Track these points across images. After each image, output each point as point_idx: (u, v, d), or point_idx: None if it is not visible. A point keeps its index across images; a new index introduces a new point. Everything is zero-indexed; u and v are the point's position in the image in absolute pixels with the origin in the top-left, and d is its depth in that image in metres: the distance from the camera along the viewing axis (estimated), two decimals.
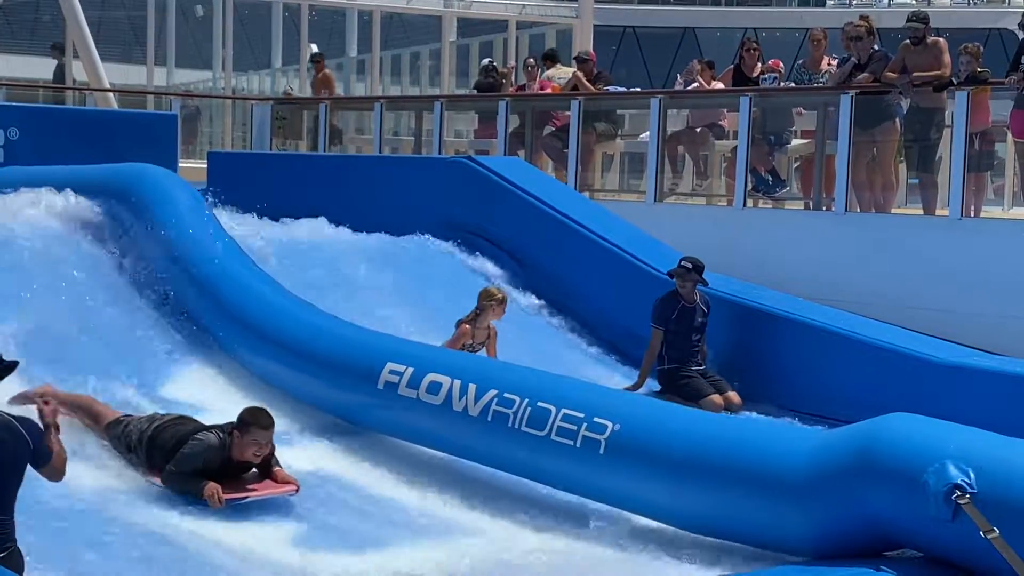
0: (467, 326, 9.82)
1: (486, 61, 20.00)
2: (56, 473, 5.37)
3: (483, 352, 9.84)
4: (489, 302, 9.88)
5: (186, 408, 8.54)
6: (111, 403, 8.45)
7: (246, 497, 7.26)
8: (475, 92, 18.81)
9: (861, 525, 6.26)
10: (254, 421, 7.33)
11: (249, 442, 7.31)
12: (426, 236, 12.44)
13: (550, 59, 17.91)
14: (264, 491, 7.37)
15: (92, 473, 7.54)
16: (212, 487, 7.13)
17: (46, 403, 5.36)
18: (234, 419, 7.55)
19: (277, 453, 7.60)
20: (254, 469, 7.51)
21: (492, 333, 9.95)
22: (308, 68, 23.45)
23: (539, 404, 7.54)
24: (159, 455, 7.49)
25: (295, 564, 6.56)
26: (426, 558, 6.71)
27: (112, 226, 11.07)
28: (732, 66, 14.74)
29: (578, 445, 7.29)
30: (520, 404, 7.60)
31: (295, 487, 7.40)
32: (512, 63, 21.02)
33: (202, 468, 7.28)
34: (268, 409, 7.59)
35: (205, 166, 15.26)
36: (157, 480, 7.46)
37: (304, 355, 9.00)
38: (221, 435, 7.40)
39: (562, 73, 17.09)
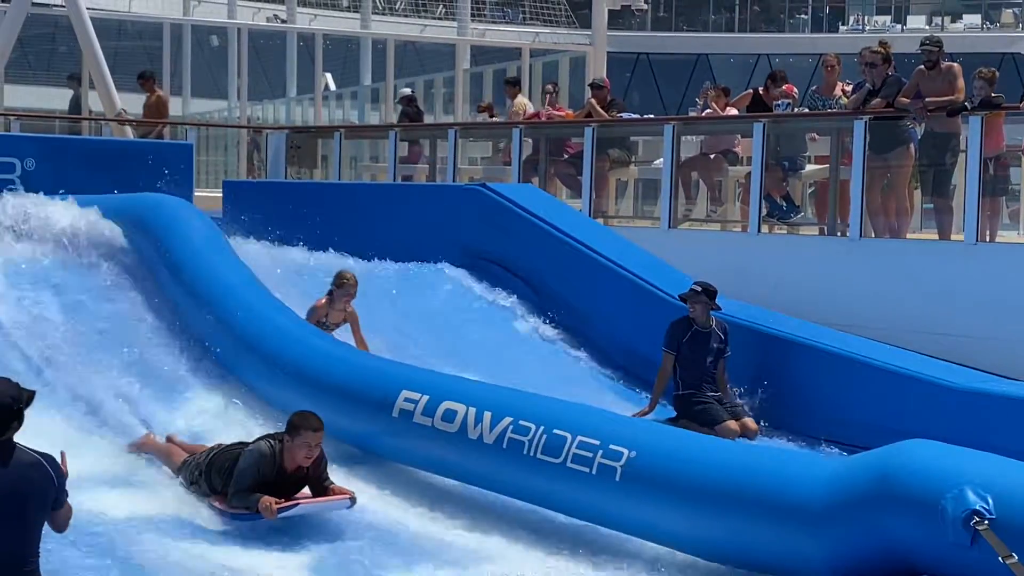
0: (322, 302, 10.22)
1: (406, 91, 20.34)
2: (63, 522, 5.28)
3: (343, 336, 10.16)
4: (339, 286, 10.24)
5: (200, 435, 8.57)
6: (122, 429, 8.51)
7: (298, 504, 7.31)
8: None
9: (879, 551, 6.24)
10: (303, 423, 7.37)
11: (300, 444, 7.34)
12: (440, 264, 12.46)
13: (515, 85, 18.21)
14: (318, 500, 7.41)
15: (124, 500, 7.60)
16: (266, 499, 7.22)
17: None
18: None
19: None
20: (307, 490, 7.53)
21: (351, 316, 10.28)
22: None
23: (555, 431, 7.53)
24: (217, 477, 7.64)
25: None
26: None
27: (130, 254, 11.14)
28: (751, 89, 14.73)
29: (594, 472, 7.28)
30: (536, 431, 7.60)
31: (350, 496, 7.45)
32: (488, 100, 21.15)
33: (259, 479, 7.34)
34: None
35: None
36: (217, 503, 7.56)
37: (319, 383, 8.99)
38: (272, 443, 7.47)
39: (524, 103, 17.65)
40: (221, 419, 9.16)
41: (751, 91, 14.75)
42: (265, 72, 30.81)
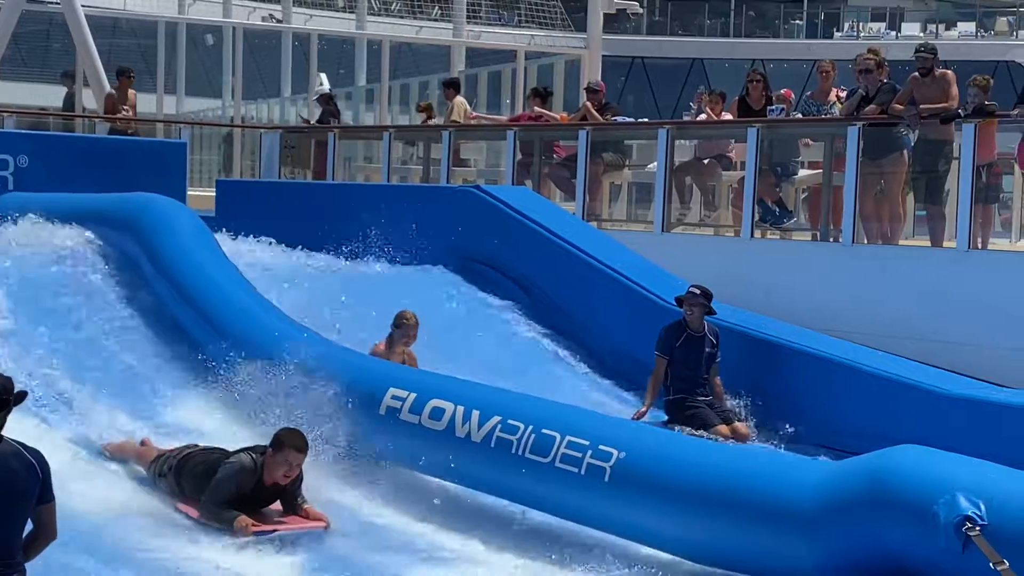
0: (381, 346, 9.78)
1: (323, 88, 20.27)
2: (50, 531, 5.13)
3: None
4: (398, 327, 9.82)
5: (187, 435, 8.55)
6: (112, 431, 8.52)
7: (275, 530, 7.24)
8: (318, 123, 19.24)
9: (869, 556, 6.23)
10: (289, 442, 7.33)
11: (280, 462, 7.31)
12: (433, 266, 12.45)
13: (452, 87, 18.30)
14: (294, 525, 7.35)
15: (105, 501, 7.58)
16: (243, 519, 7.16)
17: None
18: (248, 444, 7.63)
19: None
20: (278, 503, 7.49)
21: (410, 359, 9.87)
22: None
23: (543, 431, 7.50)
24: (188, 481, 7.57)
25: None
26: None
27: (118, 254, 11.09)
28: (737, 97, 14.76)
29: (583, 472, 7.25)
30: (524, 431, 7.57)
31: (325, 524, 7.39)
32: (428, 100, 21.18)
33: (236, 493, 7.30)
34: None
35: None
36: (184, 508, 7.50)
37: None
38: (254, 456, 7.42)
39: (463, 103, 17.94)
40: (203, 418, 9.12)
41: (735, 100, 14.79)
42: (260, 71, 30.73)
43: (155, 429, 8.77)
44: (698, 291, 10.29)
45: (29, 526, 5.11)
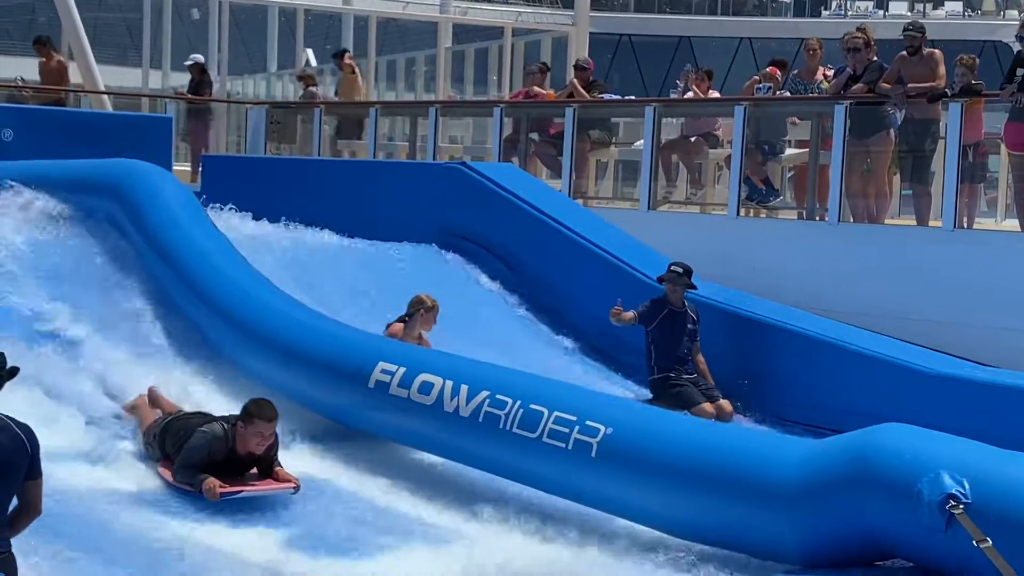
0: (397, 327, 9.58)
1: (197, 57, 20.14)
2: (35, 507, 5.08)
3: None
4: (418, 309, 9.62)
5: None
6: (90, 403, 8.54)
7: (241, 491, 7.30)
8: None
9: (852, 534, 6.26)
10: (258, 413, 7.39)
11: (253, 433, 7.38)
12: (419, 242, 12.44)
13: (339, 56, 18.48)
14: (262, 487, 7.40)
15: (87, 474, 7.58)
16: (211, 481, 7.23)
17: None
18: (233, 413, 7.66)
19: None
20: (255, 469, 7.55)
21: (424, 344, 9.65)
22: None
23: (531, 406, 7.51)
24: (170, 443, 7.66)
25: (286, 570, 6.53)
26: (419, 566, 6.67)
27: (102, 222, 11.05)
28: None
29: (570, 448, 7.27)
30: (512, 406, 7.58)
31: (295, 485, 7.45)
32: (309, 71, 21.12)
33: (208, 460, 7.37)
34: (271, 401, 7.56)
35: None
36: (164, 472, 7.57)
37: (294, 354, 8.89)
38: (226, 426, 7.50)
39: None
40: (190, 389, 9.09)
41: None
42: (245, 46, 30.64)
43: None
44: (681, 270, 10.30)
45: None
